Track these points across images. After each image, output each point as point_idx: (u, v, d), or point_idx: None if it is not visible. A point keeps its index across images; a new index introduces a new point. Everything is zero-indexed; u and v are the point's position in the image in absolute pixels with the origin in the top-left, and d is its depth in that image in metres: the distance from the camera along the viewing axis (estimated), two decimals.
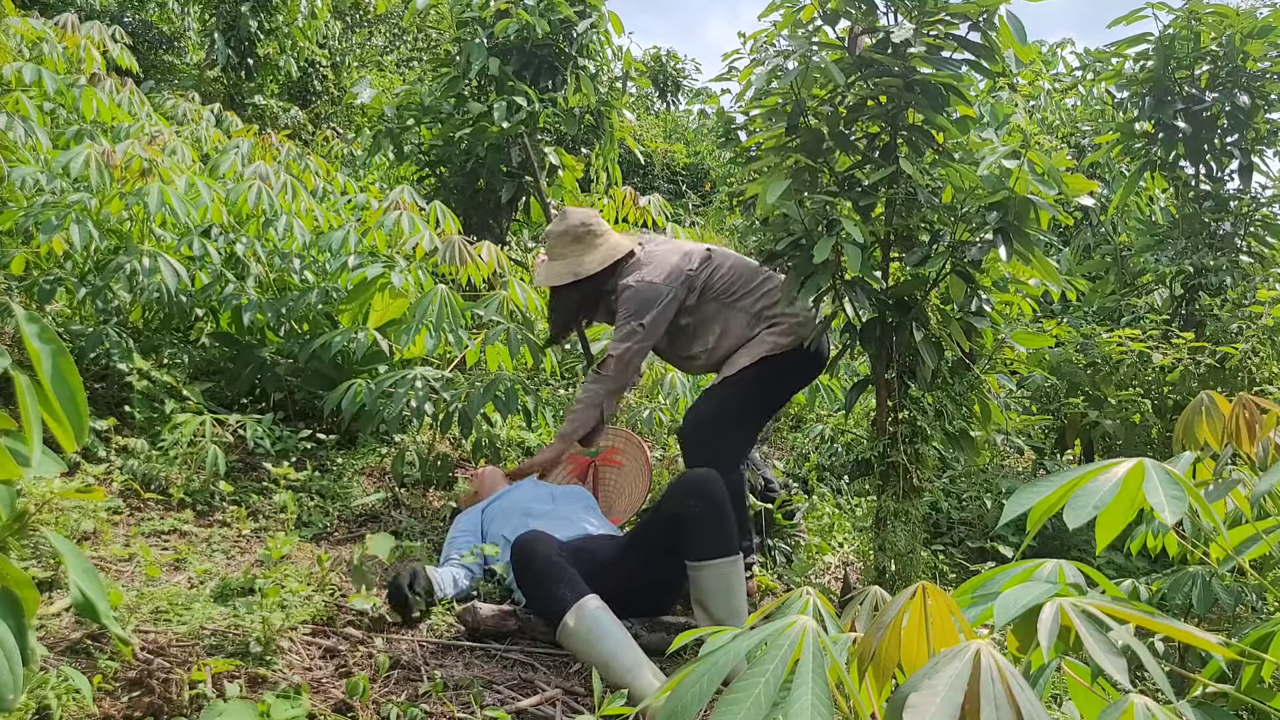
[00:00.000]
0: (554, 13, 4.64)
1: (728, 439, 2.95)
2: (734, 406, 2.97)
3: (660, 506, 2.47)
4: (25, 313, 1.10)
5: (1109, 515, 1.09)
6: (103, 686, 1.76)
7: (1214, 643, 0.97)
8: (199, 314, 3.72)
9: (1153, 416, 4.14)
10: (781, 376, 3.02)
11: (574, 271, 2.99)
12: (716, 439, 2.92)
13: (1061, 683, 1.66)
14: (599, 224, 3.05)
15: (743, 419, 3.01)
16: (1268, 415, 1.47)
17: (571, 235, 3.02)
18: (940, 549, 3.81)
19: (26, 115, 3.59)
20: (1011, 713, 0.79)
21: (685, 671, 0.92)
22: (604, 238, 3.03)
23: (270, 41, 7.76)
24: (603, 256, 3.00)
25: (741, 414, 2.99)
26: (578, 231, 3.02)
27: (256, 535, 2.80)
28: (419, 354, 3.63)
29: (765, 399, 3.06)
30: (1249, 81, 4.40)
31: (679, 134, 12.16)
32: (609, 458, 3.39)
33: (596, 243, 3.01)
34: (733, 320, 3.00)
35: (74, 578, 1.20)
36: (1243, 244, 4.61)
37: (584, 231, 3.01)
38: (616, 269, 3.03)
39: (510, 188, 4.76)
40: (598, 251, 3.00)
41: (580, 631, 2.18)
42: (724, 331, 3.01)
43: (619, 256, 3.02)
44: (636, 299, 2.94)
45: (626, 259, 3.05)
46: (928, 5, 2.74)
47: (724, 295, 3.01)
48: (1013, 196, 2.63)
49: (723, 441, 2.93)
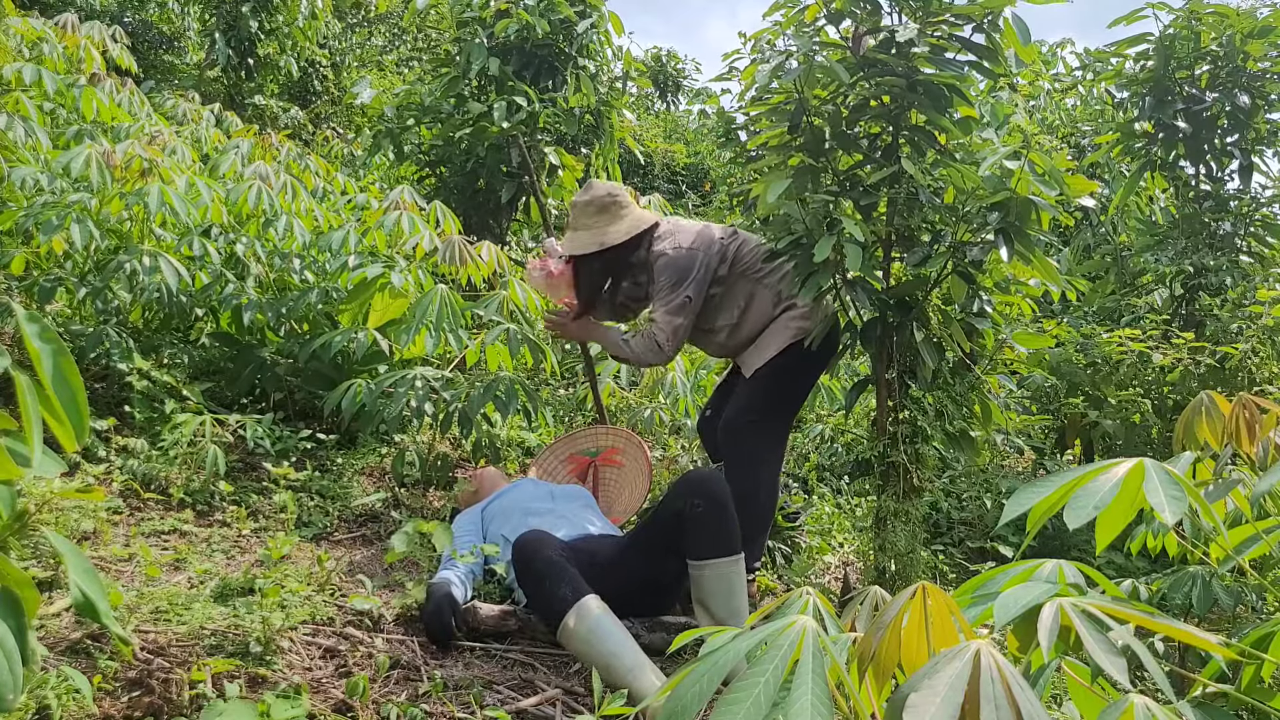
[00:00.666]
0: (554, 13, 4.64)
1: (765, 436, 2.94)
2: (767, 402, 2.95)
3: (662, 505, 2.47)
4: (25, 312, 1.10)
5: (1109, 515, 1.09)
6: (103, 686, 1.76)
7: (1214, 643, 0.97)
8: (199, 314, 3.71)
9: (1153, 416, 4.14)
10: (807, 364, 2.99)
11: (600, 241, 2.95)
12: (753, 436, 2.91)
13: (1061, 683, 1.66)
14: (624, 196, 3.02)
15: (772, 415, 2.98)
16: (1268, 415, 1.47)
17: (597, 206, 2.98)
18: (940, 549, 3.81)
19: (27, 115, 3.58)
20: (1011, 713, 0.79)
21: (685, 671, 0.92)
22: (629, 209, 3.00)
23: (270, 41, 7.75)
24: (628, 227, 2.96)
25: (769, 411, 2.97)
26: (604, 202, 2.97)
27: (256, 535, 2.79)
28: (419, 354, 3.63)
29: (795, 389, 3.05)
30: (1249, 81, 4.40)
31: (679, 134, 12.15)
32: (609, 458, 3.39)
33: (622, 214, 2.98)
34: (758, 296, 2.98)
35: (74, 578, 1.20)
36: (1243, 244, 4.61)
37: (610, 202, 2.98)
38: (641, 240, 2.99)
39: (510, 188, 4.76)
40: (623, 222, 2.97)
41: (581, 631, 2.18)
42: (748, 307, 2.98)
43: (644, 228, 2.98)
44: (675, 268, 2.90)
45: (651, 230, 3.01)
46: (932, 6, 2.74)
47: (751, 270, 2.97)
48: (1014, 197, 2.63)
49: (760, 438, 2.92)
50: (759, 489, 2.86)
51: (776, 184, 2.73)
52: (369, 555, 2.84)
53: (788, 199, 2.78)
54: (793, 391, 3.04)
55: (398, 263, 3.56)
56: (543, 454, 3.51)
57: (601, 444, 3.43)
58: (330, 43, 8.80)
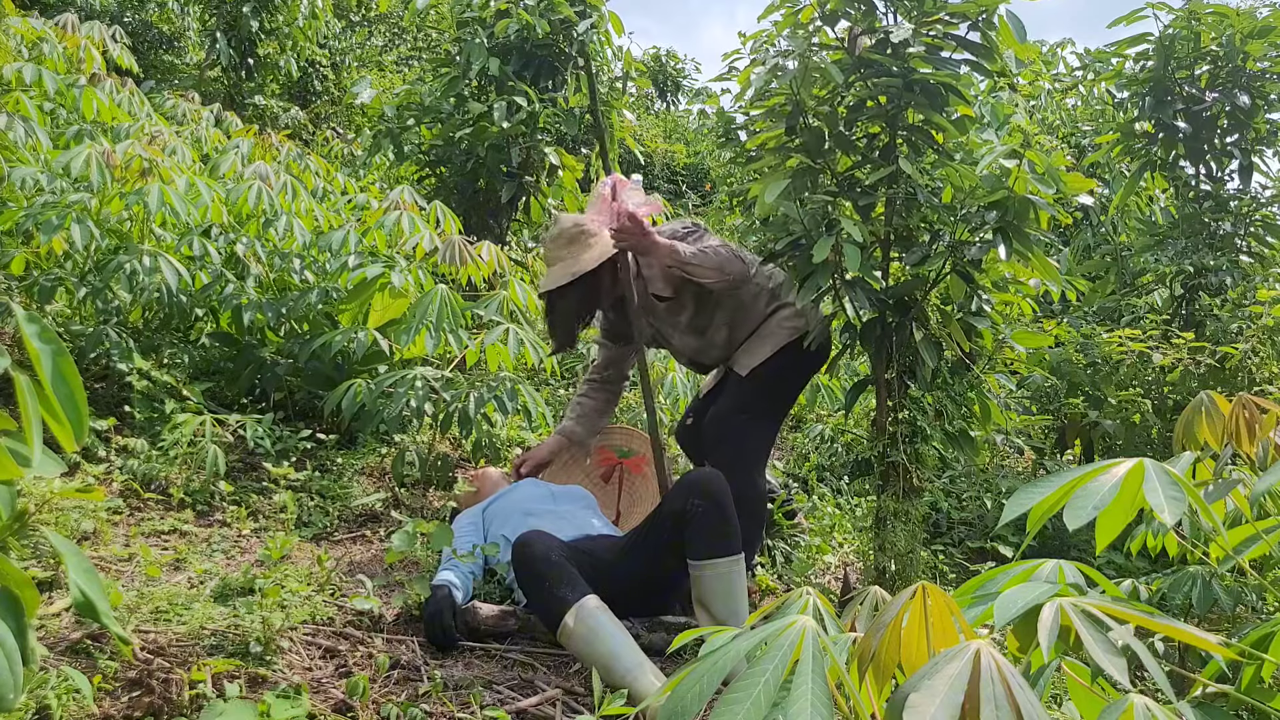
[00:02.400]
0: (554, 13, 4.64)
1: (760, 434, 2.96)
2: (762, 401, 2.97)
3: (662, 506, 2.47)
4: (25, 313, 1.10)
5: (1109, 516, 1.09)
6: (103, 686, 1.76)
7: (1214, 643, 0.97)
8: (199, 314, 3.71)
9: (1153, 416, 4.13)
10: (803, 363, 3.02)
11: (571, 271, 2.97)
12: (748, 434, 2.93)
13: (1061, 683, 1.66)
14: (591, 224, 3.05)
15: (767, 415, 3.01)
16: (1268, 415, 1.47)
17: (566, 238, 3.00)
18: (940, 549, 3.80)
19: (27, 115, 3.58)
20: (1011, 713, 0.79)
21: (685, 671, 0.92)
22: (599, 236, 3.02)
23: (270, 41, 7.75)
24: (599, 254, 2.98)
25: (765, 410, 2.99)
26: (571, 233, 3.00)
27: (256, 535, 2.79)
28: (419, 354, 3.63)
29: (791, 389, 3.07)
30: (1249, 81, 4.40)
31: (679, 134, 12.15)
32: (639, 465, 3.38)
33: (590, 241, 3.00)
34: (751, 295, 3.02)
35: (74, 578, 1.20)
36: (1243, 244, 4.61)
37: (577, 232, 3.00)
38: (615, 264, 3.01)
39: (510, 188, 4.76)
40: (594, 250, 2.99)
41: (581, 632, 2.18)
42: (741, 305, 3.02)
43: (614, 252, 3.00)
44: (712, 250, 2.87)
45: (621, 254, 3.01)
46: (926, 5, 2.74)
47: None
48: (1012, 196, 2.63)
49: (755, 437, 2.94)
50: (754, 487, 2.87)
51: (774, 185, 2.72)
52: (369, 555, 2.84)
53: (786, 199, 2.78)
54: (788, 391, 3.07)
55: (398, 263, 3.56)
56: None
57: (634, 447, 3.41)
58: (330, 43, 8.79)
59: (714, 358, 3.18)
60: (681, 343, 3.15)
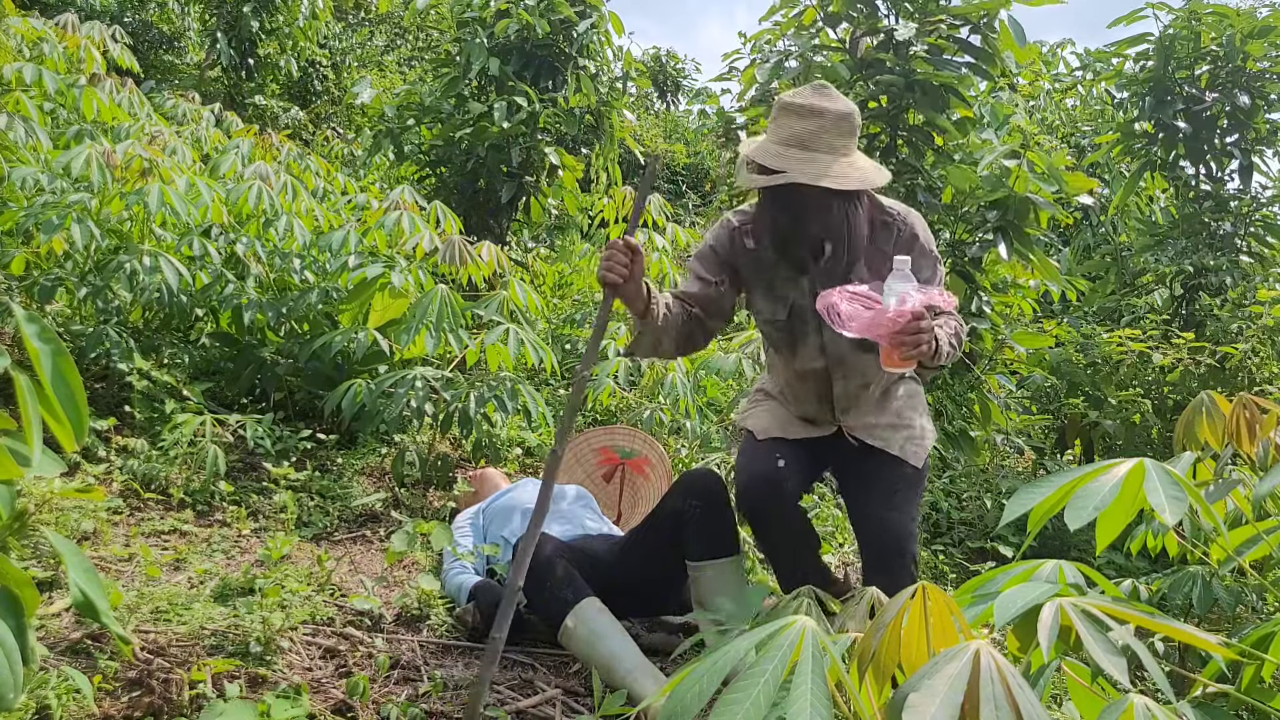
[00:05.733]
0: (554, 13, 4.64)
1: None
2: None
3: (661, 505, 2.47)
4: (25, 313, 1.10)
5: (1109, 516, 1.09)
6: (103, 686, 1.76)
7: (1214, 643, 0.97)
8: (199, 314, 3.71)
9: (1153, 416, 4.14)
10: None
11: (861, 179, 2.01)
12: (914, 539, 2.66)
13: (1061, 683, 1.66)
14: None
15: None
16: (1268, 415, 1.47)
17: (849, 125, 2.03)
18: (940, 549, 3.80)
19: (27, 115, 3.58)
20: (1011, 713, 0.79)
21: (685, 671, 0.92)
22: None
23: (271, 41, 7.76)
24: (876, 172, 2.07)
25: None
26: (853, 122, 2.03)
27: (256, 535, 2.79)
28: (419, 354, 3.63)
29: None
30: (1249, 81, 4.40)
31: (679, 134, 12.15)
32: (640, 467, 3.37)
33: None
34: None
35: (74, 577, 1.20)
36: (1243, 244, 4.61)
37: (856, 124, 2.05)
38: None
39: (510, 188, 4.76)
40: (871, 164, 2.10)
41: (581, 633, 2.18)
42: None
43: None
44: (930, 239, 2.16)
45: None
46: (929, 7, 2.75)
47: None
48: (1012, 195, 2.63)
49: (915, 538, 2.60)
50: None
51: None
52: (369, 555, 2.84)
53: None
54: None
55: (398, 263, 3.56)
56: (577, 438, 3.48)
57: (637, 448, 3.40)
58: (330, 43, 8.80)
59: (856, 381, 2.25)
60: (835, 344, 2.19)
